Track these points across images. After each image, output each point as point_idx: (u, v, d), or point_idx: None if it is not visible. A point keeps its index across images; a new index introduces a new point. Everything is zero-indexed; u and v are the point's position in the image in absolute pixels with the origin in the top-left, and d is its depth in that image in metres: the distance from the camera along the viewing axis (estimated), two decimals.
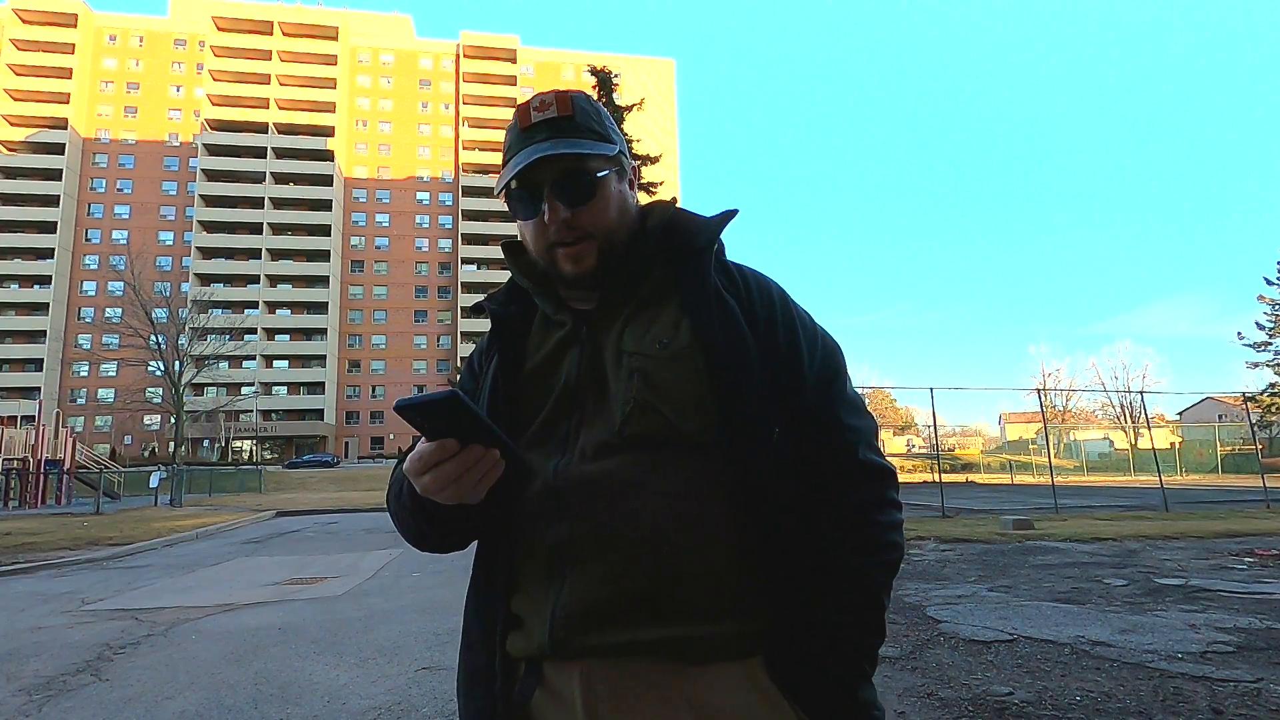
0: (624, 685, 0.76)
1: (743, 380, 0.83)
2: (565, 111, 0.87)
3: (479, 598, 0.88)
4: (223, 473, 34.52)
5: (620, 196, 0.91)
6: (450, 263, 71.13)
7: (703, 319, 0.85)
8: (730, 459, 0.81)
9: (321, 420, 63.93)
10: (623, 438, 0.81)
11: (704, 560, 0.78)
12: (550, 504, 0.80)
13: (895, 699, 3.34)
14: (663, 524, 0.77)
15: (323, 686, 3.85)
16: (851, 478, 0.85)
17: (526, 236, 0.93)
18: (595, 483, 0.79)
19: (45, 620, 5.82)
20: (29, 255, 62.61)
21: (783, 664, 0.77)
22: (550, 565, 0.80)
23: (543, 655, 0.79)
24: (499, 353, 0.94)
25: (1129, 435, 51.78)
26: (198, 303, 54.18)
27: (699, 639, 0.76)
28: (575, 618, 0.76)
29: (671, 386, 0.82)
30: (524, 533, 0.83)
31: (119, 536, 12.38)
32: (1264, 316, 43.86)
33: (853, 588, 0.81)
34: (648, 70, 77.79)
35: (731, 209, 0.94)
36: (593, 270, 0.88)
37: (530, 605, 0.81)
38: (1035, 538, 9.38)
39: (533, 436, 0.87)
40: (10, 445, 24.46)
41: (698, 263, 0.89)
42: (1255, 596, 5.48)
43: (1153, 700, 3.20)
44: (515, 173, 0.85)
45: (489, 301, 1.00)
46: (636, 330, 0.87)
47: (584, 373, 0.86)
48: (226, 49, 68.22)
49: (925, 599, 5.62)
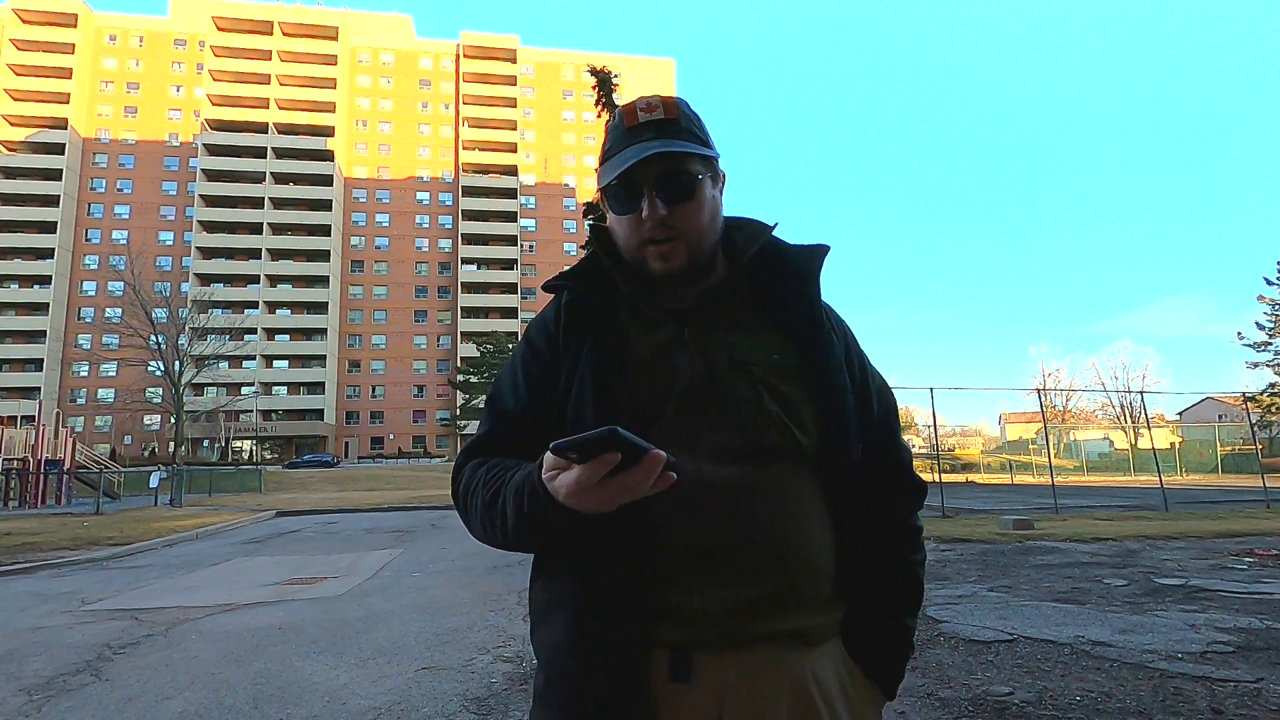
0: (767, 667, 0.84)
1: (842, 402, 0.93)
2: (671, 115, 0.92)
3: (599, 591, 0.85)
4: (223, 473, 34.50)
5: (713, 202, 0.95)
6: (450, 263, 71.12)
7: (810, 342, 0.94)
8: (826, 471, 0.91)
9: (321, 420, 63.92)
10: (753, 445, 0.87)
11: (821, 559, 0.89)
12: (698, 503, 0.85)
13: (895, 699, 3.34)
14: (794, 526, 0.87)
15: (322, 686, 3.85)
16: (904, 494, 1.02)
17: (618, 232, 0.96)
18: (739, 487, 0.86)
19: (45, 620, 5.82)
20: (29, 255, 62.60)
21: (859, 641, 0.93)
22: (703, 561, 0.84)
23: (698, 643, 0.83)
24: (599, 337, 0.93)
25: (1129, 435, 51.78)
26: (198, 303, 54.19)
27: (819, 627, 0.89)
28: (735, 610, 0.83)
29: (791, 401, 0.90)
30: (667, 529, 0.85)
31: (119, 536, 12.37)
32: (1264, 316, 43.88)
33: (909, 581, 0.99)
34: (648, 70, 77.75)
35: (824, 244, 1.02)
36: (680, 270, 0.92)
37: (682, 598, 0.84)
38: (1035, 538, 9.38)
39: (660, 432, 0.87)
40: (10, 445, 24.45)
41: (803, 288, 0.98)
42: (1255, 596, 5.48)
43: (1153, 700, 3.20)
44: (624, 169, 0.89)
45: (576, 281, 0.99)
46: (744, 342, 0.93)
47: (702, 375, 0.90)
48: (226, 49, 68.22)
49: (925, 599, 5.61)
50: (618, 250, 0.98)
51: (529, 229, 73.34)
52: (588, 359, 0.91)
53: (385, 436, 66.45)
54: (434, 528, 13.54)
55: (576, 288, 0.98)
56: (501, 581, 7.17)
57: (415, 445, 65.80)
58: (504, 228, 71.99)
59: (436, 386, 67.42)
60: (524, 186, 73.37)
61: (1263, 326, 44.02)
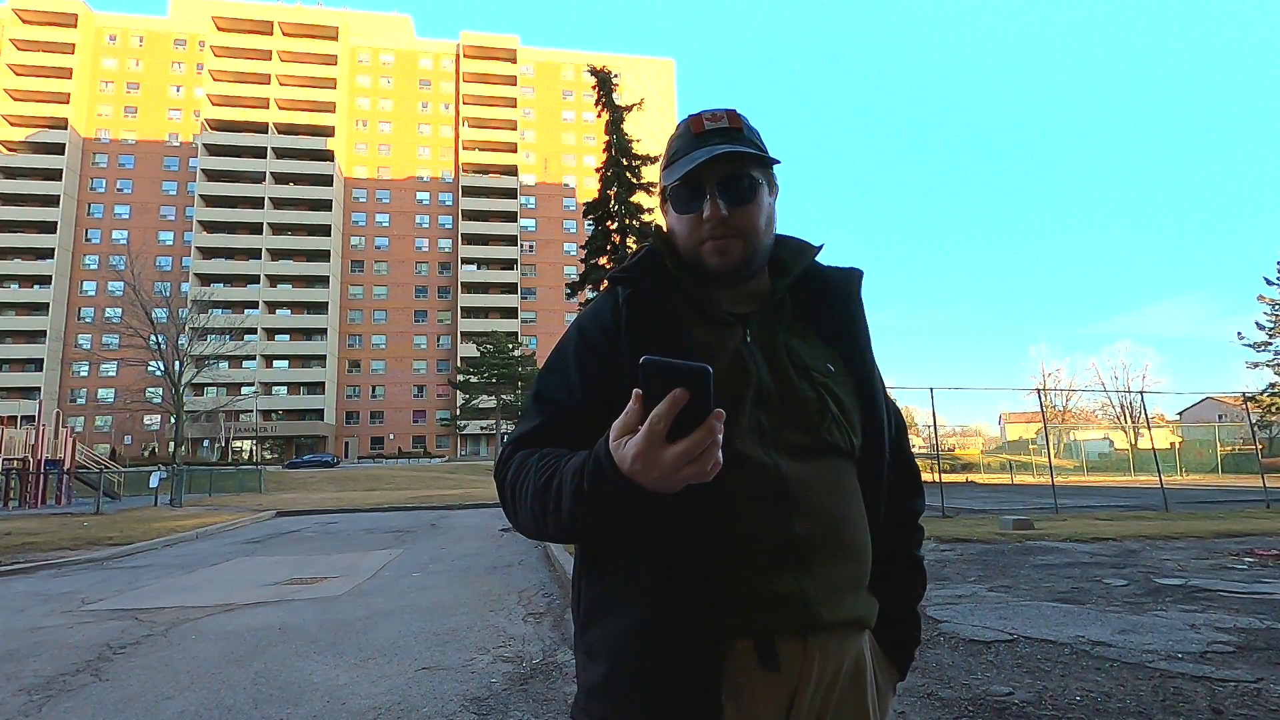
0: (840, 653, 0.91)
1: (884, 412, 1.02)
2: (735, 124, 0.98)
3: (676, 578, 0.86)
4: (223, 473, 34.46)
5: (770, 208, 1.01)
6: (450, 263, 71.11)
7: (855, 357, 1.03)
8: (867, 472, 1.00)
9: (321, 420, 63.93)
10: (821, 444, 0.94)
11: (869, 551, 0.98)
12: (779, 497, 0.89)
13: (895, 699, 3.34)
14: (855, 522, 0.95)
15: (323, 686, 3.85)
16: (915, 493, 1.13)
17: (679, 231, 1.00)
18: (814, 484, 0.92)
19: (45, 620, 5.82)
20: (29, 255, 62.59)
21: (881, 627, 1.01)
22: (785, 554, 0.88)
23: (781, 630, 0.87)
24: (660, 334, 0.93)
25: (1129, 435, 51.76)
26: (198, 303, 54.09)
27: (871, 614, 0.98)
28: (817, 601, 0.88)
29: (845, 406, 0.98)
30: (749, 520, 0.88)
31: (119, 536, 12.38)
32: (1264, 316, 43.87)
33: (920, 573, 1.10)
34: (648, 70, 77.75)
35: (859, 268, 1.09)
36: (736, 265, 0.97)
37: (765, 590, 0.87)
38: (1035, 538, 9.38)
39: (739, 427, 0.90)
40: (10, 445, 24.45)
41: (846, 308, 1.05)
42: (1255, 596, 5.48)
43: (1153, 700, 3.20)
44: (692, 167, 0.93)
45: (638, 274, 0.99)
46: (801, 350, 1.00)
47: (770, 376, 0.95)
48: (226, 49, 68.22)
49: (925, 599, 5.60)
50: (677, 251, 1.02)
51: (529, 229, 73.33)
52: (657, 351, 0.90)
53: (385, 436, 66.44)
54: (434, 528, 13.54)
55: (640, 281, 0.99)
56: (501, 581, 7.17)
57: (415, 445, 65.82)
58: (504, 228, 71.98)
59: (436, 386, 67.42)
60: (524, 186, 73.37)
61: (1263, 326, 44.01)
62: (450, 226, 71.85)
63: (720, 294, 1.00)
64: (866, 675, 0.95)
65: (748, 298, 1.00)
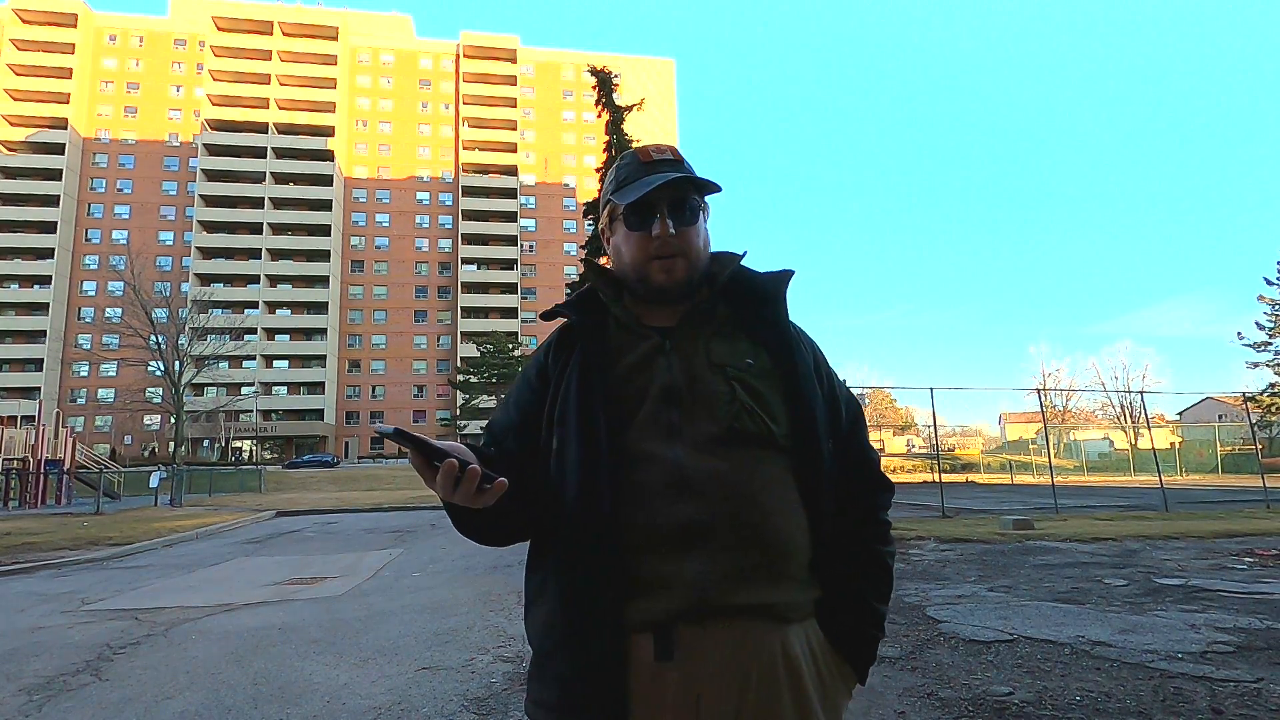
0: (743, 640, 0.92)
1: (812, 401, 1.04)
2: (678, 158, 1.10)
3: (582, 570, 0.94)
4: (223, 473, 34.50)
5: (707, 233, 1.12)
6: (450, 263, 71.09)
7: (778, 351, 1.06)
8: (799, 462, 1.01)
9: (321, 420, 63.91)
10: (731, 433, 0.98)
11: (795, 541, 0.98)
12: (678, 487, 0.94)
13: (895, 699, 3.34)
14: (770, 509, 0.96)
15: (323, 686, 3.85)
16: (876, 490, 1.13)
17: (625, 249, 1.09)
18: (717, 471, 0.95)
19: (45, 620, 5.82)
20: (29, 255, 62.57)
21: (833, 625, 1.02)
22: (682, 541, 0.92)
23: (679, 616, 0.91)
24: (583, 353, 1.05)
25: (1129, 435, 51.72)
26: (198, 303, 54.12)
27: (792, 603, 0.97)
28: (712, 583, 0.91)
29: (762, 395, 1.01)
30: (649, 510, 0.94)
31: (119, 536, 12.38)
32: (1264, 316, 43.82)
33: (879, 568, 1.08)
34: (648, 70, 77.73)
35: (789, 269, 1.15)
36: (680, 283, 1.06)
37: (664, 573, 0.92)
38: (1035, 538, 9.38)
39: (640, 425, 0.99)
40: (10, 445, 24.45)
41: (772, 307, 1.10)
42: (1255, 596, 5.48)
43: (1153, 700, 3.20)
44: (649, 189, 1.02)
45: (572, 311, 1.11)
46: (721, 348, 1.05)
47: (680, 375, 1.01)
48: (226, 49, 68.18)
49: (925, 599, 5.62)
50: (611, 276, 1.13)
51: (529, 229, 73.32)
52: (574, 368, 1.03)
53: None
54: (434, 528, 13.54)
55: (571, 315, 1.10)
56: (501, 581, 7.18)
57: None
58: (504, 228, 71.97)
59: (436, 386, 67.40)
60: (524, 186, 73.35)
61: (1263, 326, 43.97)
62: (450, 226, 71.83)
63: (655, 311, 1.08)
64: (800, 672, 0.95)
65: (676, 311, 1.08)
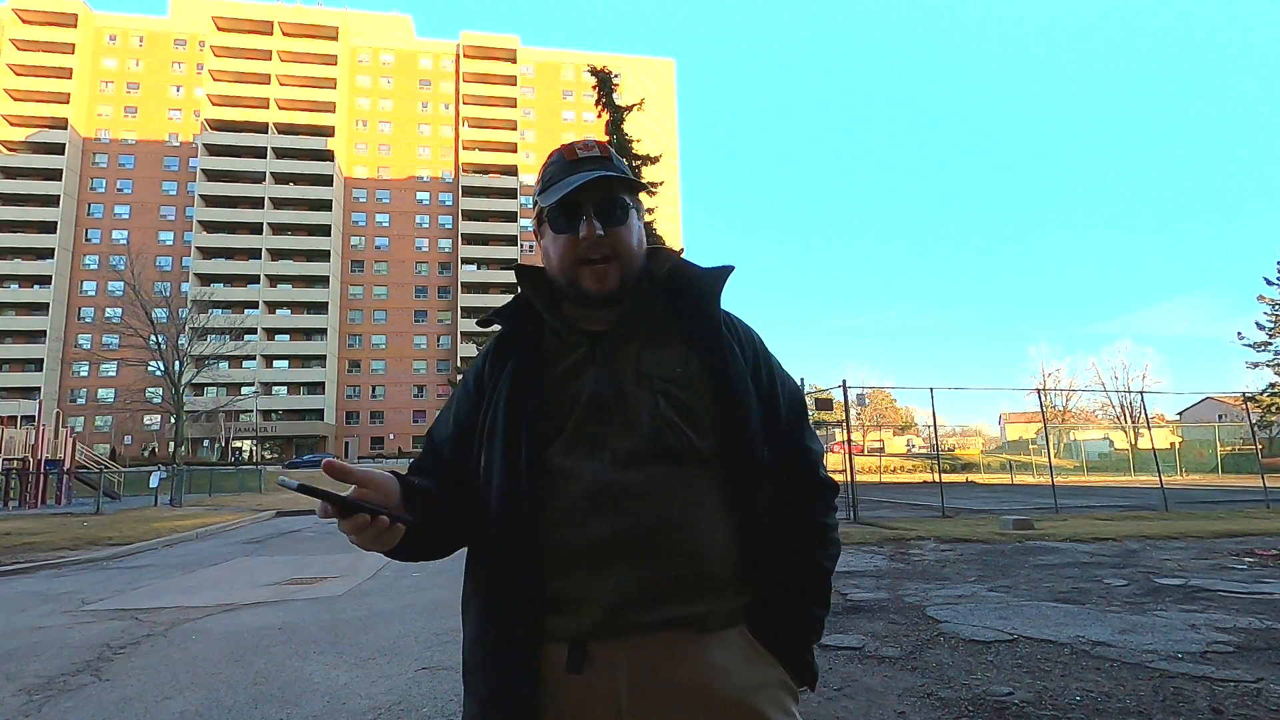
0: (660, 653, 0.90)
1: (744, 407, 1.00)
2: (605, 154, 1.05)
3: (501, 585, 0.96)
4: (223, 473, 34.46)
5: (640, 230, 1.08)
6: (450, 263, 71.12)
7: (710, 353, 1.02)
8: (730, 471, 0.98)
9: (321, 420, 63.91)
10: (652, 449, 0.95)
11: (715, 552, 0.95)
12: (595, 503, 0.93)
13: (895, 699, 3.34)
14: (689, 524, 0.94)
15: (323, 686, 3.85)
16: (812, 492, 1.08)
17: (553, 253, 1.04)
18: (636, 487, 0.93)
19: (45, 620, 5.82)
20: (29, 255, 62.57)
21: (764, 629, 0.98)
22: (598, 556, 0.91)
23: (592, 633, 0.90)
24: (515, 364, 1.02)
25: (1129, 435, 51.70)
26: (198, 303, 54.11)
27: (712, 613, 0.94)
28: (626, 600, 0.90)
29: (691, 409, 0.98)
30: (565, 527, 0.93)
31: (119, 536, 12.37)
32: (1264, 316, 43.85)
33: (814, 573, 1.04)
34: (648, 70, 77.75)
35: (729, 265, 1.11)
36: (613, 291, 1.02)
37: (578, 590, 0.91)
38: (1035, 538, 9.38)
39: (565, 440, 0.97)
40: (10, 445, 24.44)
41: (706, 305, 1.06)
42: (1255, 596, 5.48)
43: (1153, 700, 3.20)
44: (571, 189, 0.99)
45: (502, 319, 1.09)
46: (651, 356, 1.02)
47: (607, 387, 0.98)
48: (226, 49, 68.19)
49: (925, 599, 5.62)
50: (545, 281, 1.09)
51: (529, 229, 73.29)
52: (505, 381, 1.02)
53: (385, 436, 66.43)
54: None
55: (508, 323, 1.08)
56: None
57: (415, 445, 65.72)
58: (504, 228, 71.99)
59: (436, 386, 67.40)
60: (524, 186, 73.33)
61: (1263, 326, 43.99)
62: (450, 226, 71.85)
63: (591, 314, 1.04)
64: (729, 678, 0.92)
65: (608, 314, 1.05)
